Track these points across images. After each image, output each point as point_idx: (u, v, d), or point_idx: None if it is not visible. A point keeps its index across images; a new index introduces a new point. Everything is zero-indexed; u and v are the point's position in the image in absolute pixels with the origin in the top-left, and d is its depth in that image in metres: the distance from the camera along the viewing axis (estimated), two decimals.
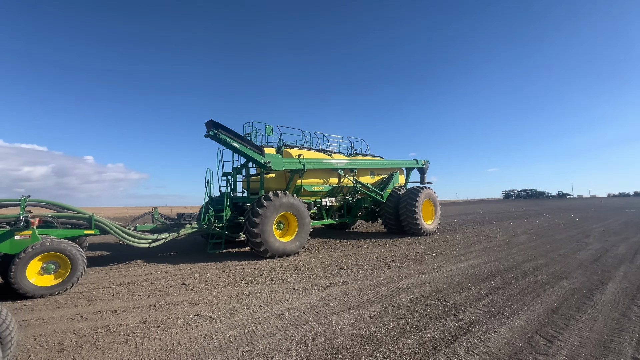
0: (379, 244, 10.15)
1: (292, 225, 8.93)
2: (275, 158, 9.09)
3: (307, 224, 8.98)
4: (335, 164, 10.89)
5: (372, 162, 12.62)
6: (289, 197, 8.68)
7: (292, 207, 8.70)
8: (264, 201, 8.21)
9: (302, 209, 8.89)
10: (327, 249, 9.61)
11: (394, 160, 13.55)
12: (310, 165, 10.11)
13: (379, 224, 15.99)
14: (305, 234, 8.87)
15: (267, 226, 8.07)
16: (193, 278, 6.25)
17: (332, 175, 11.25)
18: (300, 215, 8.85)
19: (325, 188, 10.99)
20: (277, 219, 8.63)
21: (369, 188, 12.07)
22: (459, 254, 8.18)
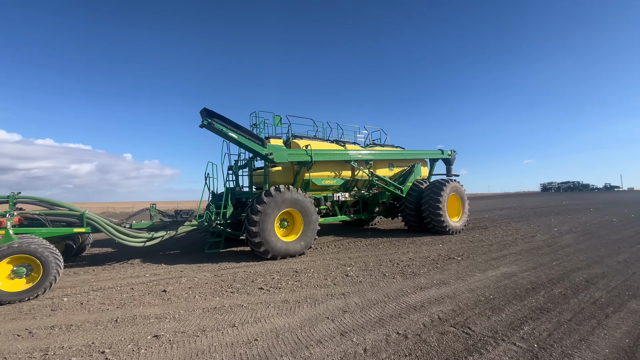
0: (397, 244, 9.03)
1: (297, 224, 8.05)
2: (279, 150, 8.20)
3: (314, 221, 8.05)
4: (347, 155, 9.82)
5: (389, 153, 11.38)
6: (292, 192, 7.78)
7: (297, 204, 7.80)
8: (264, 197, 7.38)
9: (307, 205, 7.96)
10: (337, 249, 8.66)
11: (415, 151, 12.19)
12: (318, 156, 9.13)
13: (399, 221, 14.72)
14: (312, 232, 7.95)
15: (268, 224, 7.24)
16: (178, 283, 5.57)
17: (345, 167, 10.20)
18: (306, 212, 7.93)
19: (337, 182, 9.98)
20: (280, 216, 7.79)
21: (387, 181, 10.89)
22: (489, 258, 6.86)
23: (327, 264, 6.81)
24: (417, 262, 6.68)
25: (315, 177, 9.46)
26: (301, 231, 7.88)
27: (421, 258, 7.04)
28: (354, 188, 10.73)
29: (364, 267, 6.41)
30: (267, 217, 7.25)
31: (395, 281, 5.35)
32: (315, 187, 9.61)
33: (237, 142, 7.67)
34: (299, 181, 9.23)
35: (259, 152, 7.79)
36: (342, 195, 10.19)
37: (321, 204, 9.43)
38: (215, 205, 8.36)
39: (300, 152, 8.82)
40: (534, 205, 25.65)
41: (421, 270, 5.99)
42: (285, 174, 9.38)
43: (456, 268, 6.13)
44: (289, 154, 8.49)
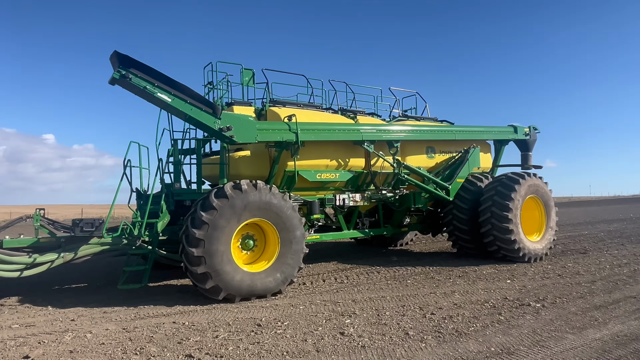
0: (437, 278, 8.29)
1: (270, 243, 7.36)
2: (242, 122, 7.51)
3: (299, 240, 7.36)
4: (359, 132, 9.10)
5: (429, 130, 10.62)
6: (263, 191, 7.07)
7: (270, 211, 7.10)
8: (213, 200, 6.69)
9: (288, 214, 7.27)
10: (336, 284, 7.95)
11: (471, 128, 11.42)
12: (309, 134, 8.42)
13: (444, 239, 13.93)
14: (295, 258, 7.28)
15: (220, 244, 6.56)
16: (57, 343, 4.94)
17: (355, 153, 9.49)
18: (285, 225, 7.24)
19: (341, 176, 9.31)
20: (241, 231, 7.12)
21: (424, 176, 10.16)
22: (590, 306, 6.03)
23: (315, 311, 6.09)
24: (465, 311, 5.91)
25: (305, 168, 8.79)
26: (276, 255, 7.20)
27: (473, 304, 6.27)
28: (370, 186, 10.03)
29: (375, 318, 5.67)
30: (219, 233, 6.57)
31: (424, 348, 4.58)
32: (306, 183, 8.95)
33: (172, 108, 7.00)
34: (278, 174, 8.57)
35: (207, 125, 7.12)
36: (350, 197, 9.52)
37: (314, 211, 8.76)
38: (142, 211, 7.76)
39: (279, 126, 8.14)
40: None
41: (471, 328, 5.20)
42: (257, 162, 8.75)
43: (532, 323, 5.34)
44: (260, 129, 7.80)
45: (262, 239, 7.52)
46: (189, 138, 8.89)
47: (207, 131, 7.61)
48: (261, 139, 7.78)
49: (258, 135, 7.71)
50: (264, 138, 7.86)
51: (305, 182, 8.97)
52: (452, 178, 10.54)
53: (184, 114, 7.02)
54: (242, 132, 7.50)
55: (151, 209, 7.77)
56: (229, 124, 7.30)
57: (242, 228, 7.10)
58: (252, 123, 7.66)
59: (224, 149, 8.18)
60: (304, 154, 8.69)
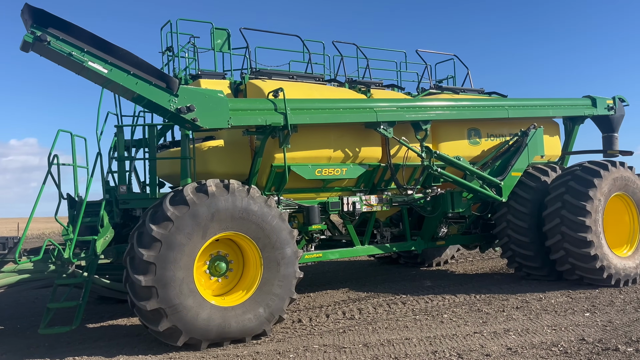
0: (486, 309, 7.92)
1: (250, 266, 7.06)
2: (209, 99, 7.19)
3: (289, 260, 7.06)
4: (372, 111, 8.74)
5: (471, 105, 10.20)
6: (238, 194, 6.75)
7: (247, 221, 6.79)
8: (168, 207, 6.37)
9: (272, 225, 6.96)
10: (345, 320, 7.60)
11: (532, 101, 11.04)
12: (304, 115, 8.09)
13: (495, 255, 13.49)
14: (284, 284, 7.00)
15: (177, 269, 6.27)
16: None
17: (368, 139, 9.16)
18: (269, 241, 6.94)
19: (349, 171, 9.01)
20: (208, 249, 6.83)
21: (465, 169, 9.76)
22: None
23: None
24: (524, 359, 5.49)
25: (299, 162, 8.50)
26: (258, 283, 6.90)
27: (536, 348, 5.85)
28: (390, 185, 9.68)
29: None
30: (176, 253, 6.27)
31: None
32: (301, 183, 8.67)
33: (110, 83, 6.71)
34: (262, 171, 8.28)
35: (159, 104, 6.82)
36: (363, 200, 9.18)
37: (313, 220, 8.44)
38: (74, 226, 7.49)
39: (260, 105, 7.84)
40: None
41: None
42: (233, 155, 8.50)
43: None
44: (235, 109, 7.49)
45: (238, 261, 7.17)
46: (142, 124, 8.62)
47: (161, 113, 7.30)
48: (236, 122, 7.44)
49: (231, 118, 7.36)
50: (240, 122, 7.51)
51: (300, 181, 8.64)
52: (505, 171, 10.10)
53: (127, 90, 6.72)
54: (209, 114, 7.16)
55: (88, 222, 7.57)
56: (189, 103, 6.97)
57: (209, 246, 6.77)
58: (223, 101, 7.32)
59: (187, 137, 7.87)
60: (297, 142, 8.34)
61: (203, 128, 7.21)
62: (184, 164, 7.77)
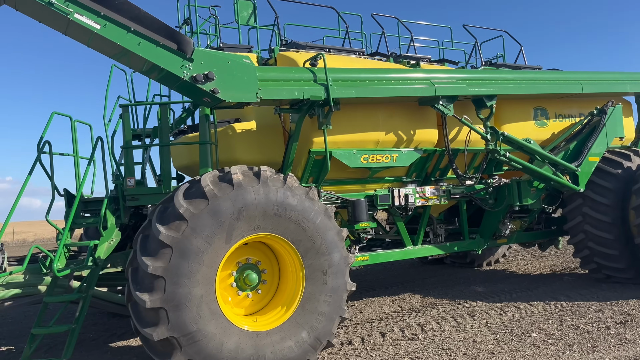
0: (582, 325, 6.27)
1: (289, 277, 5.41)
2: (233, 66, 5.58)
3: (339, 268, 5.41)
4: (429, 83, 7.11)
5: (541, 79, 8.53)
6: (272, 185, 5.12)
7: (284, 220, 5.16)
8: (181, 202, 4.74)
9: (317, 224, 5.33)
10: (407, 341, 5.93)
11: (607, 75, 9.29)
12: (349, 87, 6.49)
13: (550, 252, 11.76)
14: (333, 300, 5.39)
15: (194, 284, 4.66)
16: None
17: (422, 119, 7.54)
18: (313, 245, 5.31)
19: (401, 158, 7.43)
20: (235, 256, 5.20)
21: (535, 152, 8.09)
22: None
23: None
24: None
25: (341, 147, 6.88)
26: (299, 299, 5.22)
27: None
28: (447, 174, 8.07)
29: None
30: (192, 264, 4.64)
31: None
32: (345, 172, 7.11)
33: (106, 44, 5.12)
34: (298, 158, 6.70)
35: (168, 70, 5.22)
36: (417, 192, 7.54)
37: (359, 217, 6.81)
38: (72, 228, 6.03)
39: (297, 74, 6.26)
40: None
41: None
42: (265, 140, 6.97)
43: None
44: (265, 79, 5.88)
45: (273, 270, 5.53)
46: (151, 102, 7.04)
47: (171, 83, 5.70)
48: (267, 96, 5.80)
49: (261, 90, 5.73)
50: (272, 94, 5.87)
51: (342, 170, 7.01)
52: (580, 156, 8.35)
53: (126, 52, 5.12)
54: (233, 84, 5.53)
55: (92, 223, 6.12)
56: (208, 70, 5.35)
57: (236, 252, 5.14)
58: (250, 69, 5.67)
59: (207, 118, 6.27)
60: (339, 123, 6.72)
61: (225, 102, 5.59)
62: (204, 151, 6.16)
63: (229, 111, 7.20)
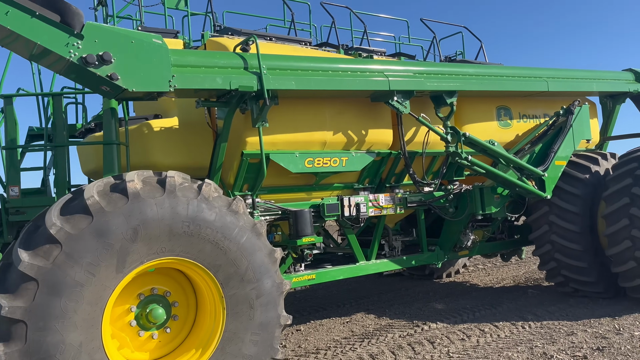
0: (553, 350, 5.29)
1: (206, 311, 4.20)
2: (137, 46, 4.36)
3: (270, 298, 4.25)
4: (383, 74, 6.07)
5: (504, 76, 7.65)
6: (181, 194, 3.91)
7: (198, 239, 3.95)
8: (54, 219, 3.48)
9: (240, 244, 4.14)
10: None
11: (574, 72, 8.54)
12: (288, 78, 5.36)
13: (532, 262, 11.14)
14: (263, 338, 4.21)
15: (69, 330, 3.40)
16: None
17: (375, 118, 6.57)
18: (236, 270, 4.13)
19: (351, 161, 6.41)
20: (134, 286, 3.97)
21: (498, 155, 7.19)
22: None
23: None
24: None
25: (281, 149, 5.76)
26: (218, 338, 4.02)
27: None
28: (403, 179, 7.10)
29: None
30: (68, 302, 3.39)
31: None
32: (286, 178, 6.03)
33: None
34: (228, 161, 5.55)
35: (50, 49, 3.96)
36: (370, 200, 6.50)
37: (303, 230, 5.69)
38: None
39: (223, 59, 5.09)
40: None
41: None
42: (189, 140, 5.79)
43: None
44: (181, 64, 4.68)
45: (188, 302, 4.31)
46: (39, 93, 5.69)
47: (57, 67, 4.43)
48: (183, 84, 4.59)
49: (175, 78, 4.52)
50: (190, 83, 4.66)
51: (284, 176, 5.87)
52: (546, 160, 7.46)
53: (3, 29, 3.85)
54: (137, 69, 4.31)
55: None
56: (103, 49, 4.12)
57: (136, 281, 3.91)
58: (160, 50, 4.46)
59: (112, 112, 5.02)
60: (278, 120, 5.59)
61: (130, 92, 4.36)
62: (109, 153, 4.93)
63: (150, 106, 6.00)
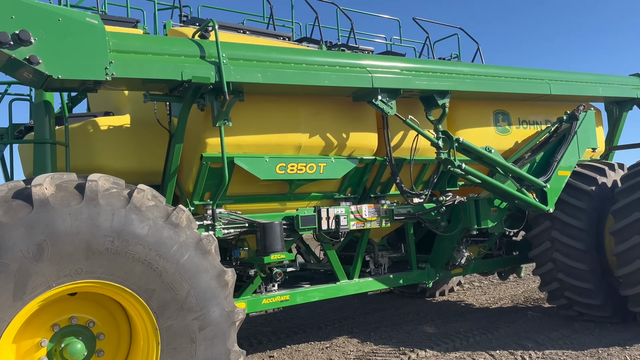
0: None
1: (139, 345, 3.41)
2: (65, 22, 3.64)
3: (214, 332, 3.46)
4: (365, 70, 5.35)
5: (502, 76, 6.94)
6: (101, 204, 3.14)
7: (124, 258, 3.16)
8: None
9: (177, 265, 3.36)
10: None
11: (578, 75, 7.86)
12: (253, 69, 4.63)
13: (532, 280, 10.43)
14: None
15: None
16: None
17: (358, 120, 5.83)
18: (172, 298, 3.34)
19: (330, 168, 5.67)
20: (45, 317, 3.20)
21: (495, 163, 6.46)
22: None
23: None
24: None
25: (248, 152, 5.03)
26: None
27: None
28: (390, 190, 6.34)
29: None
30: None
31: None
32: (254, 186, 5.27)
33: None
34: (186, 167, 4.81)
35: None
36: (352, 212, 5.74)
37: (272, 246, 4.94)
38: None
39: (175, 46, 4.33)
40: None
41: None
42: (142, 141, 5.06)
43: None
44: (121, 50, 3.97)
45: (120, 333, 3.52)
46: None
47: None
48: (124, 72, 3.84)
49: (114, 64, 3.77)
50: (133, 72, 3.91)
51: (252, 184, 5.11)
52: (548, 170, 6.72)
53: None
54: (65, 53, 3.57)
55: None
56: (20, 27, 3.38)
57: (50, 309, 3.13)
58: (95, 31, 3.71)
59: (45, 106, 4.27)
60: (245, 119, 4.86)
61: (54, 79, 3.60)
62: (40, 154, 4.20)
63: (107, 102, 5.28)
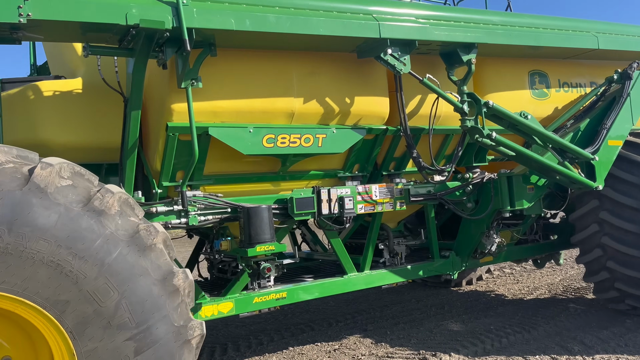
0: None
1: None
2: None
3: (157, 355, 2.49)
4: (371, 17, 4.33)
5: (543, 23, 5.83)
6: None
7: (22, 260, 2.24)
8: None
9: (101, 266, 2.42)
10: None
11: (628, 28, 6.79)
12: (223, 14, 3.62)
13: (570, 266, 9.26)
14: None
15: None
16: None
17: (365, 81, 4.82)
18: (95, 311, 2.42)
19: (330, 141, 4.71)
20: None
21: (533, 132, 5.36)
22: None
23: None
24: None
25: (227, 121, 4.09)
26: None
27: None
28: (405, 166, 5.33)
29: None
30: None
31: None
32: (237, 162, 4.32)
33: None
34: (155, 141, 3.94)
35: None
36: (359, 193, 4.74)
37: (259, 234, 4.04)
38: None
39: None
40: None
41: None
42: (98, 110, 4.13)
43: None
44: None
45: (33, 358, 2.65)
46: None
47: None
48: (45, 14, 2.92)
49: (29, 3, 2.85)
50: (58, 14, 2.98)
51: (234, 160, 4.19)
52: (596, 140, 5.60)
53: None
54: None
55: None
56: None
57: None
58: None
59: None
60: (221, 80, 3.94)
61: None
62: None
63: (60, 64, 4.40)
